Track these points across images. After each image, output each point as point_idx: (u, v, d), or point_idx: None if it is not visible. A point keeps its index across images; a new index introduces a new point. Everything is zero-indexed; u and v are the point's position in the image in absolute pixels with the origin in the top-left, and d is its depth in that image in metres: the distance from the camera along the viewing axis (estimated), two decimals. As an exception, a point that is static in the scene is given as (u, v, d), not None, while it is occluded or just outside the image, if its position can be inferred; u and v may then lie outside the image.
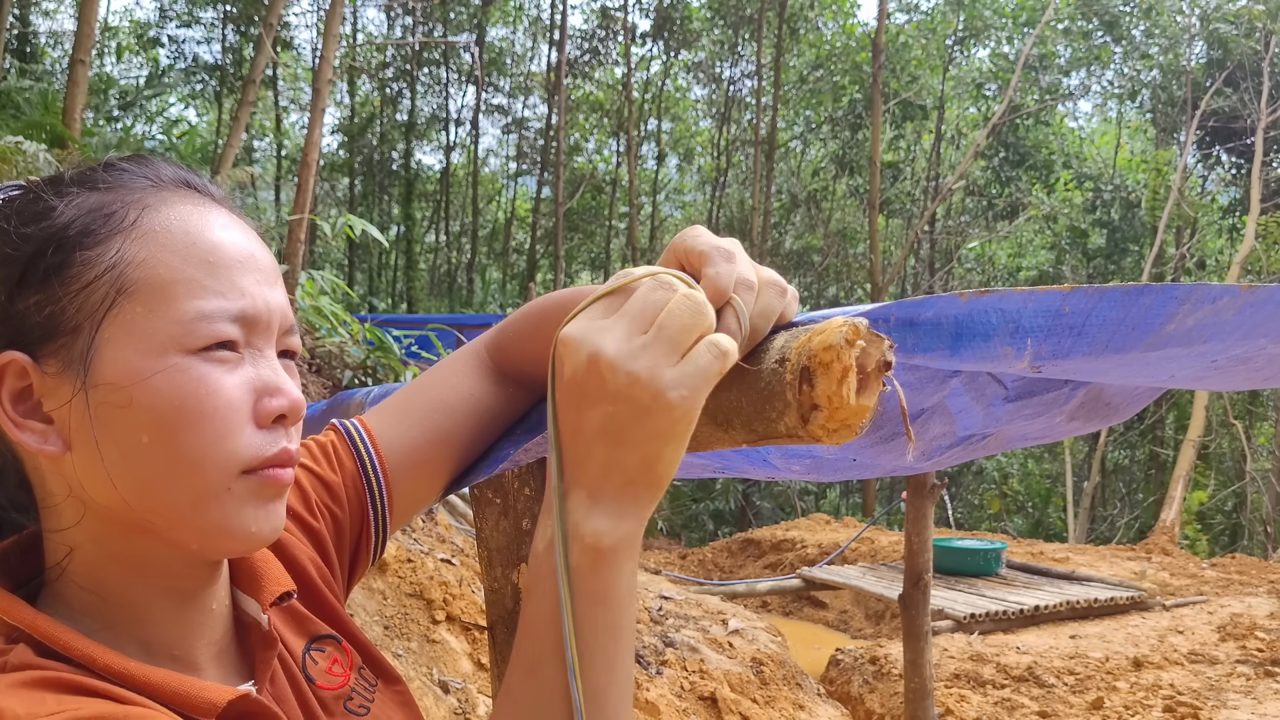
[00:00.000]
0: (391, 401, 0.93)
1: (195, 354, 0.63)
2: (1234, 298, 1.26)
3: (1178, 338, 1.22)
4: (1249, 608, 8.14)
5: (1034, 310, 1.06)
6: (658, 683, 5.09)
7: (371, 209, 22.53)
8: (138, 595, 0.66)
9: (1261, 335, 1.34)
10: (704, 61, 22.40)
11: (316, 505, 0.84)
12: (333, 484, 0.85)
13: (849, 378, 0.66)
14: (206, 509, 0.64)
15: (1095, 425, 1.71)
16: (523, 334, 0.88)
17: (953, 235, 21.38)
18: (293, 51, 21.08)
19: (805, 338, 0.68)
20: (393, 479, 0.88)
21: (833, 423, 0.67)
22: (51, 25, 17.35)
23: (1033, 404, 1.35)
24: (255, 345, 0.66)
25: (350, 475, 0.86)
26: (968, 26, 20.19)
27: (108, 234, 0.64)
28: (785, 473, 1.64)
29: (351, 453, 0.87)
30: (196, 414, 0.62)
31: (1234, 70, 17.43)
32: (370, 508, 0.87)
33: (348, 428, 0.89)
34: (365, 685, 0.80)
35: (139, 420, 0.62)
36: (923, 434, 1.34)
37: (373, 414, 0.92)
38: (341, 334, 7.18)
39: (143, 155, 0.71)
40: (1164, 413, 18.21)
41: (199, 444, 0.62)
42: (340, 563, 0.86)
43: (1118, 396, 1.52)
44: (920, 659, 3.72)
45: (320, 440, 0.89)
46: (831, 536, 12.05)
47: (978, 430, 1.40)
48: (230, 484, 0.64)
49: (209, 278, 0.64)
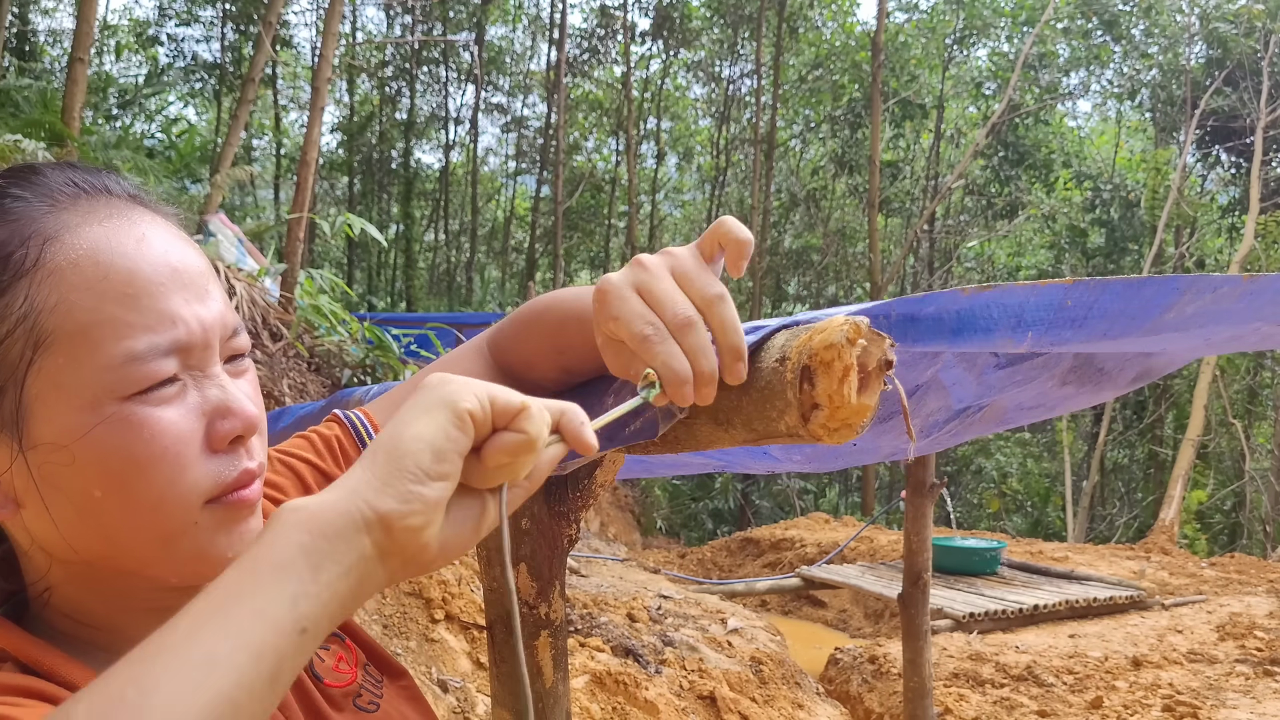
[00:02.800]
0: (395, 395, 0.92)
1: (132, 399, 0.58)
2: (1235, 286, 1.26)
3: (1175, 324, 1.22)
4: (1248, 607, 8.15)
5: (1036, 305, 1.06)
6: (657, 682, 5.08)
7: (371, 208, 22.51)
8: (124, 621, 0.64)
9: (1258, 318, 1.34)
10: (703, 60, 22.39)
11: None
12: (335, 477, 0.83)
13: (850, 377, 0.66)
14: (176, 546, 0.61)
15: (1090, 394, 1.70)
16: (520, 333, 0.88)
17: (952, 234, 21.37)
18: (292, 50, 21.06)
19: (806, 337, 0.67)
20: None
21: (834, 422, 0.67)
22: (50, 23, 17.33)
23: (1024, 369, 1.36)
24: (197, 368, 0.62)
25: None
26: (967, 25, 20.17)
27: (10, 280, 0.58)
28: (786, 463, 1.64)
29: (357, 446, 0.86)
30: (145, 459, 0.58)
31: (1233, 70, 17.42)
32: None
33: (352, 420, 0.87)
34: (373, 681, 0.79)
35: (87, 476, 0.58)
36: (918, 410, 1.34)
37: (376, 407, 0.90)
38: (340, 333, 7.18)
39: (29, 170, 0.63)
40: (1163, 412, 18.21)
41: (154, 487, 0.59)
42: None
43: (1109, 361, 1.52)
44: (919, 658, 3.72)
45: (324, 433, 0.87)
46: (830, 535, 12.05)
47: (972, 402, 1.41)
48: (195, 517, 0.61)
49: (131, 312, 0.59)
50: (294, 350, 6.57)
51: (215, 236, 7.61)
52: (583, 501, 1.35)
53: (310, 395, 6.24)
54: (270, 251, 8.99)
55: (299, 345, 6.61)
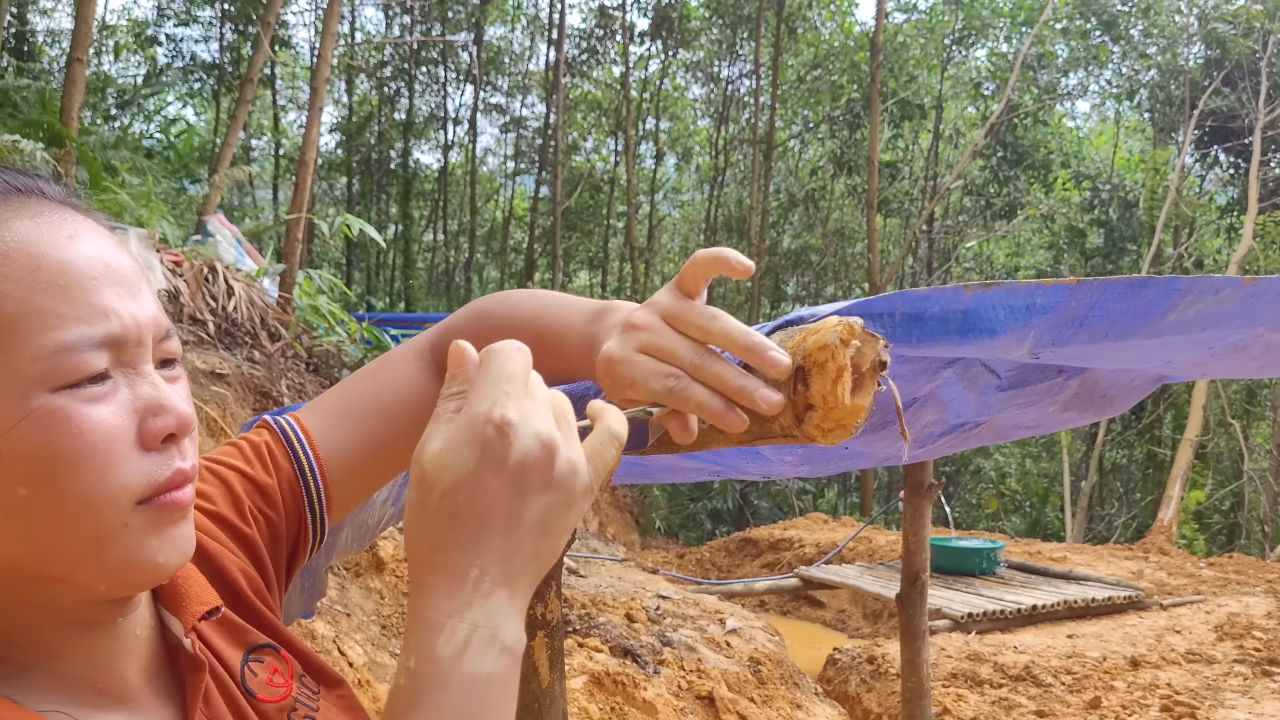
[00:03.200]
0: (330, 400, 0.89)
1: (63, 390, 0.57)
2: (1236, 288, 1.26)
3: (1177, 326, 1.22)
4: (1246, 607, 8.15)
5: (1040, 304, 1.06)
6: (655, 682, 5.08)
7: (369, 208, 22.51)
8: (52, 635, 0.62)
9: (1260, 324, 1.34)
10: (702, 61, 22.40)
11: (250, 511, 0.80)
12: (267, 487, 0.82)
13: (844, 377, 0.66)
14: (106, 550, 0.59)
15: (1090, 417, 1.70)
16: (467, 334, 0.84)
17: (951, 235, 21.37)
18: (291, 50, 21.04)
19: (800, 337, 0.67)
20: (330, 482, 0.84)
21: (828, 422, 0.67)
22: (49, 23, 17.33)
23: (1026, 393, 1.35)
24: (129, 365, 0.60)
25: (286, 477, 0.83)
26: (966, 26, 20.18)
27: None
28: (778, 464, 1.64)
29: (288, 453, 0.83)
30: (74, 455, 0.56)
31: (1232, 70, 17.43)
32: (308, 510, 0.84)
33: (283, 427, 0.85)
34: (308, 694, 0.77)
35: (12, 472, 0.56)
36: (914, 422, 1.34)
37: (308, 412, 0.88)
38: (339, 333, 7.18)
39: None
40: (1161, 412, 18.22)
41: (84, 485, 0.57)
42: (276, 567, 0.82)
43: (1113, 388, 1.52)
44: (917, 658, 3.72)
45: (253, 440, 0.84)
46: (829, 536, 12.05)
47: (970, 419, 1.40)
48: (126, 519, 0.59)
49: (63, 303, 0.57)
50: (292, 350, 6.57)
51: (214, 237, 7.61)
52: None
53: (308, 395, 6.23)
54: (269, 252, 8.99)
55: (297, 345, 6.61)
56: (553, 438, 0.57)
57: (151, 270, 5.60)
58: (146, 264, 5.61)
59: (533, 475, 0.56)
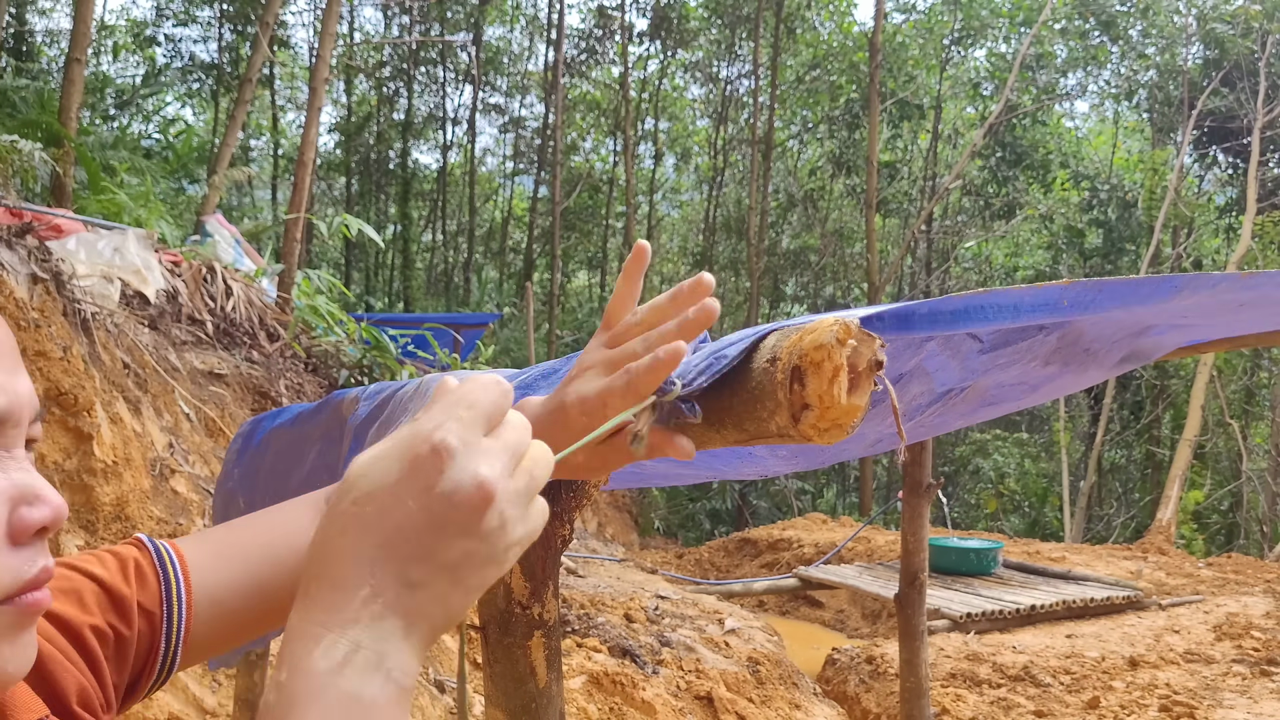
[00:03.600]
0: (217, 535, 0.83)
1: None
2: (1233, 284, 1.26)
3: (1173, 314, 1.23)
4: (1245, 607, 8.16)
5: (1031, 305, 1.06)
6: (654, 682, 5.09)
7: (368, 208, 22.51)
8: None
9: (1251, 288, 1.35)
10: (701, 61, 22.40)
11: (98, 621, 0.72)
12: (123, 598, 0.74)
13: (840, 377, 0.66)
14: None
15: (1075, 376, 1.69)
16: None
17: (949, 235, 21.37)
18: (290, 50, 21.04)
19: (796, 337, 0.67)
20: (196, 617, 0.76)
21: (824, 422, 0.67)
22: (48, 24, 17.33)
23: (1008, 353, 1.36)
24: (3, 447, 0.55)
25: (150, 597, 0.75)
26: (965, 26, 20.19)
27: None
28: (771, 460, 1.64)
29: (157, 574, 0.76)
30: None
31: (1231, 70, 17.44)
32: (163, 639, 0.76)
33: (158, 549, 0.78)
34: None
35: None
36: (902, 395, 1.34)
37: (190, 542, 0.81)
38: (338, 333, 7.18)
39: None
40: (1160, 412, 18.24)
41: None
42: (117, 685, 0.74)
43: (1096, 341, 1.52)
44: (916, 658, 3.72)
45: (119, 552, 0.77)
46: (828, 536, 12.05)
47: (955, 384, 1.41)
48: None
49: None
50: (291, 350, 6.56)
51: (212, 237, 7.61)
52: (576, 502, 1.36)
53: (307, 395, 6.23)
54: (267, 252, 8.99)
55: (296, 345, 6.61)
56: (491, 485, 0.51)
57: (150, 270, 5.60)
58: (145, 264, 5.62)
59: (456, 514, 0.51)
